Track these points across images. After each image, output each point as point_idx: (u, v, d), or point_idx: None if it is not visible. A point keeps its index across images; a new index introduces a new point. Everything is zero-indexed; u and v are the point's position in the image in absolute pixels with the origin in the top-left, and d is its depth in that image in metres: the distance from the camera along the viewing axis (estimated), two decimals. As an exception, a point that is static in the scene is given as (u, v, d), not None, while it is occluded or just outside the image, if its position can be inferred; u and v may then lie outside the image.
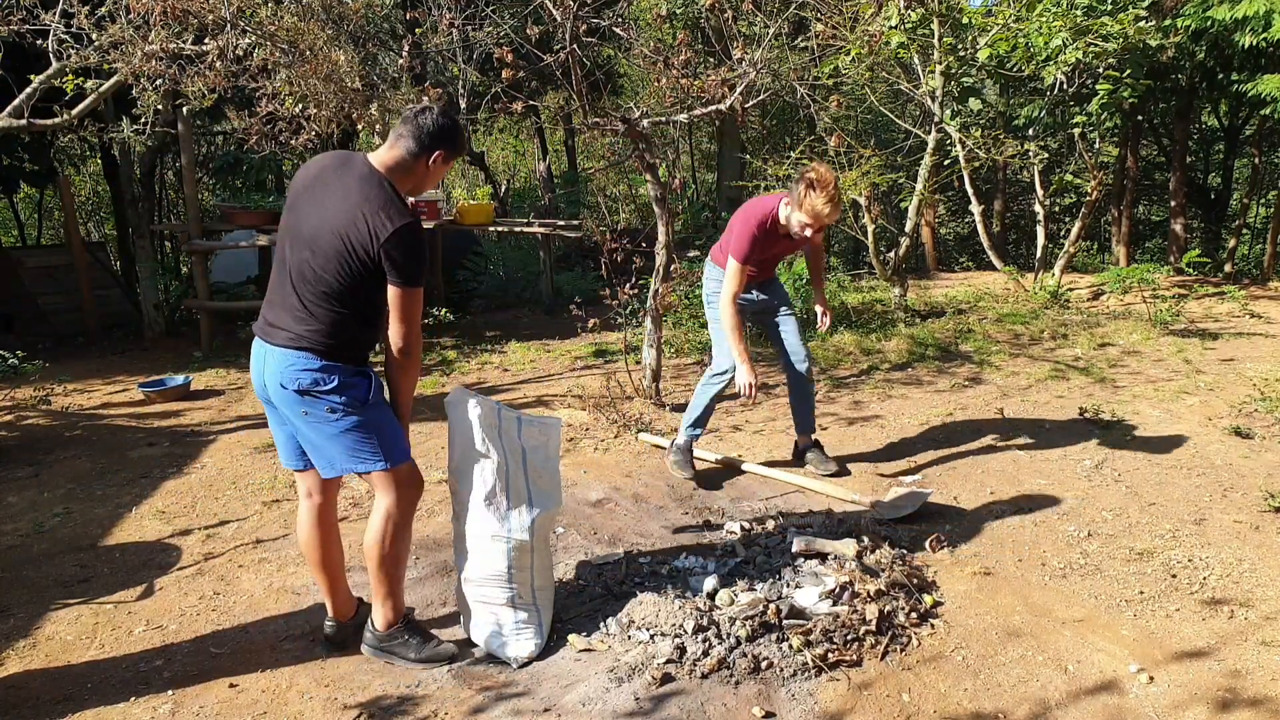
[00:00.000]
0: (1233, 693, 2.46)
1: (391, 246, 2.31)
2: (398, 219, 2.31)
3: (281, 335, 2.43)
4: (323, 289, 2.39)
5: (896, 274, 7.89)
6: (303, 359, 2.39)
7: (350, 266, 2.35)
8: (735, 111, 4.76)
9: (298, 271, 2.42)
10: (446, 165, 2.51)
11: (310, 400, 2.41)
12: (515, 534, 2.63)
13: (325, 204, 2.38)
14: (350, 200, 2.34)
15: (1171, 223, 11.20)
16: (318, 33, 5.44)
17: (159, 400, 5.84)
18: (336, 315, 2.40)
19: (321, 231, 2.36)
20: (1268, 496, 3.70)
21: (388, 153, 2.44)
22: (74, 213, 8.86)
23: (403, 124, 2.44)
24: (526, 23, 5.00)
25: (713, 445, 4.67)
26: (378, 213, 2.31)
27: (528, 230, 8.45)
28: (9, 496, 4.18)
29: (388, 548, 2.54)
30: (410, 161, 2.44)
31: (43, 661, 2.74)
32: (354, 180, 2.38)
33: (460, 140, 2.50)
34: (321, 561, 2.67)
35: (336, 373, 2.41)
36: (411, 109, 2.47)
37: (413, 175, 2.47)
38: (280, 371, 2.41)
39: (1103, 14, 7.27)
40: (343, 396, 2.42)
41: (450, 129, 2.46)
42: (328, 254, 2.36)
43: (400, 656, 2.64)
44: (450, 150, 2.48)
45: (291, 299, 2.43)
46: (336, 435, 2.45)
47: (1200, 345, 6.50)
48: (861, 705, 2.43)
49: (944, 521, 3.64)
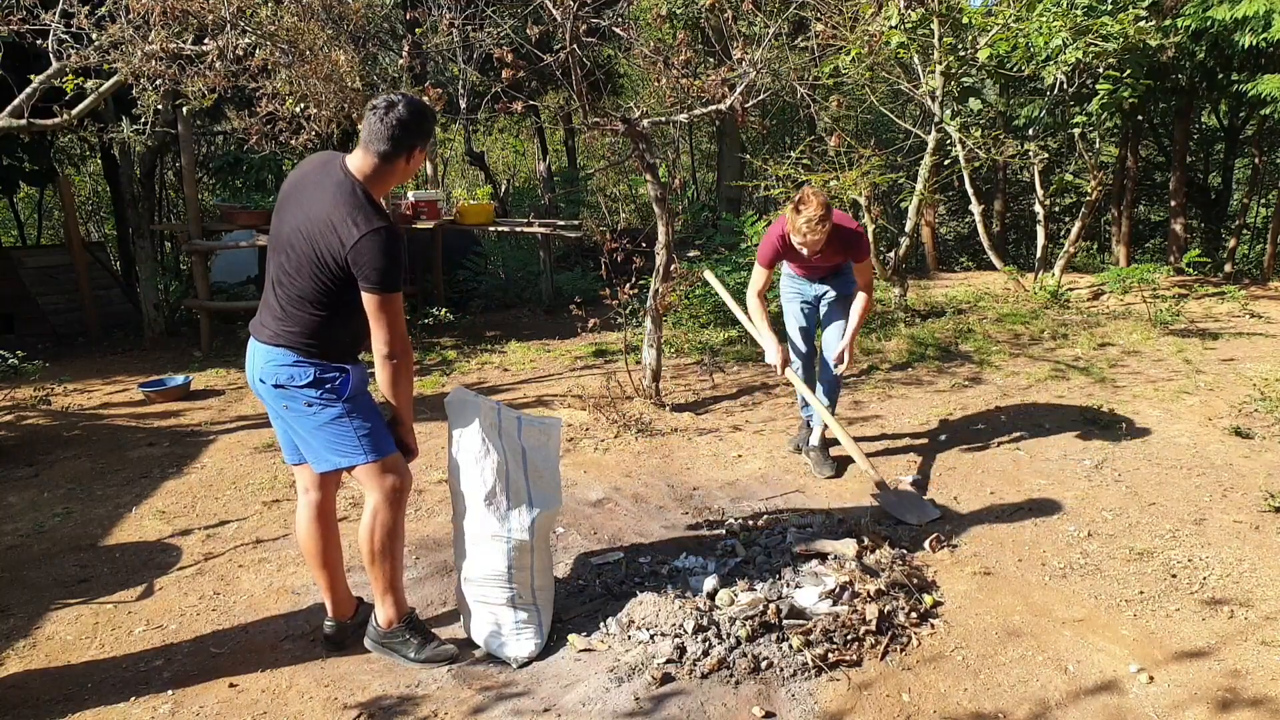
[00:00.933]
0: (1233, 693, 2.46)
1: (358, 253, 2.30)
2: (364, 225, 2.30)
3: (265, 332, 2.49)
4: (296, 292, 2.43)
5: (896, 274, 7.89)
6: (279, 354, 2.45)
7: (322, 272, 2.38)
8: (735, 111, 4.76)
9: (274, 274, 2.48)
10: (423, 155, 2.51)
11: (288, 395, 2.47)
12: (515, 534, 2.63)
13: (301, 209, 2.41)
14: (323, 206, 2.36)
15: (1171, 223, 11.20)
16: (318, 33, 5.44)
17: (159, 400, 5.84)
18: (312, 316, 2.44)
19: (296, 237, 2.40)
20: (1268, 496, 3.69)
21: (362, 158, 2.41)
22: (74, 213, 8.86)
23: (372, 124, 2.37)
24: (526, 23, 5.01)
25: (713, 446, 4.68)
26: (345, 220, 2.31)
27: (528, 230, 8.45)
28: (9, 496, 4.18)
29: (378, 542, 2.56)
30: (384, 165, 2.42)
31: (43, 661, 2.74)
32: (330, 185, 2.39)
33: (430, 127, 2.47)
34: (320, 558, 2.68)
35: (312, 368, 2.45)
36: (377, 105, 2.39)
37: (390, 176, 2.46)
38: (262, 367, 2.48)
39: (1103, 14, 7.26)
40: (317, 391, 2.45)
41: (418, 121, 2.40)
42: (300, 260, 2.39)
43: (401, 655, 2.65)
44: (424, 143, 2.46)
45: (271, 298, 2.49)
46: (317, 429, 2.49)
47: (1200, 345, 6.50)
48: (861, 705, 2.43)
49: (944, 521, 3.64)
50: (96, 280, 8.90)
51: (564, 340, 7.49)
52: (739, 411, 5.29)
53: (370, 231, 2.31)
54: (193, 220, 7.61)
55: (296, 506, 2.73)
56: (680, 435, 4.83)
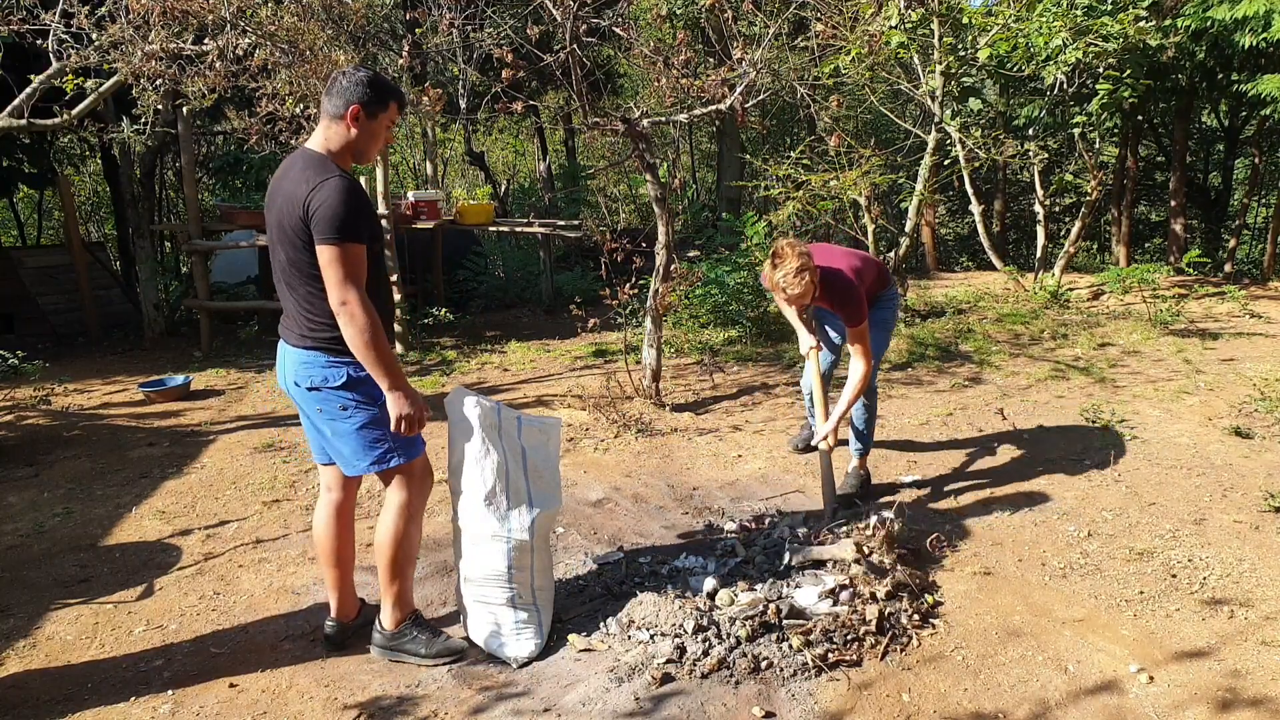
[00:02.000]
0: (1233, 693, 2.46)
1: (310, 203, 2.27)
2: (317, 178, 2.30)
3: (293, 335, 2.48)
4: (298, 281, 2.41)
5: (896, 274, 7.88)
6: (310, 356, 2.43)
7: (303, 250, 2.34)
8: (735, 111, 4.76)
9: (276, 274, 2.48)
10: (377, 119, 2.43)
11: (322, 397, 2.45)
12: (515, 534, 2.63)
13: (275, 202, 2.42)
14: (289, 190, 2.36)
15: (1171, 223, 11.20)
16: (318, 33, 5.44)
17: (159, 400, 5.84)
18: (324, 303, 2.36)
19: (276, 231, 2.40)
20: (1268, 496, 3.69)
21: (317, 132, 2.46)
22: (74, 213, 8.86)
23: (323, 96, 2.43)
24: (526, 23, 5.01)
25: (713, 446, 4.68)
26: (300, 179, 2.32)
27: (528, 230, 8.45)
28: (9, 496, 4.18)
29: (400, 543, 2.56)
30: (335, 128, 2.41)
31: (43, 661, 2.74)
32: (292, 168, 2.41)
33: (381, 90, 2.40)
34: (333, 556, 2.68)
35: (345, 368, 2.42)
36: (332, 76, 2.44)
37: (347, 140, 2.41)
38: (295, 369, 2.47)
39: (1103, 14, 7.27)
40: (352, 393, 2.43)
41: (361, 82, 2.38)
42: (285, 245, 2.38)
43: (411, 654, 2.65)
44: (367, 104, 2.38)
45: (286, 300, 2.48)
46: (349, 433, 2.47)
47: (1200, 345, 6.50)
48: (861, 705, 2.42)
49: (944, 521, 3.64)
50: (96, 280, 8.90)
51: (564, 340, 7.49)
52: (739, 411, 5.29)
53: (323, 180, 2.29)
54: (192, 220, 7.61)
55: (317, 501, 2.74)
56: (680, 435, 4.83)
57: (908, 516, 3.32)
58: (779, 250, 3.41)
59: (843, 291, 3.52)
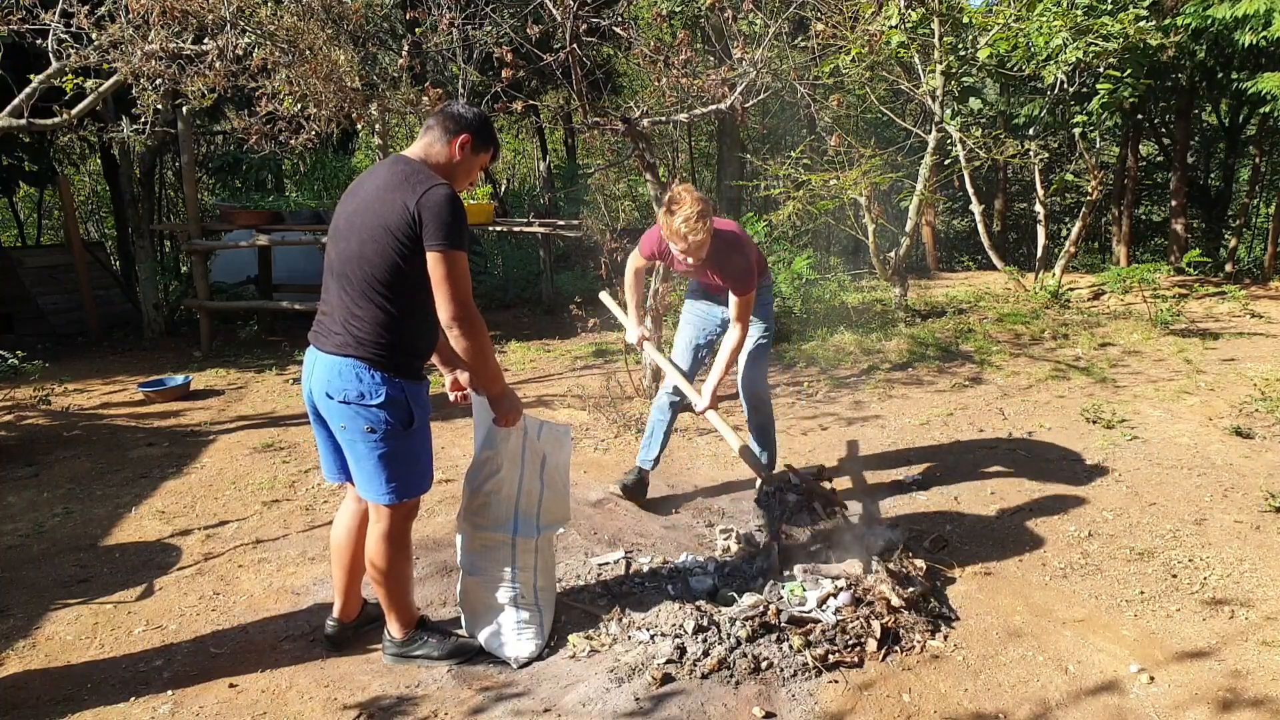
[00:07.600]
0: (1233, 693, 2.46)
1: (423, 206, 2.26)
2: (428, 182, 2.31)
3: (330, 341, 2.38)
4: (363, 276, 2.32)
5: (897, 274, 7.89)
6: (349, 366, 2.33)
7: (391, 249, 2.29)
8: (735, 111, 4.75)
9: (340, 266, 2.38)
10: (478, 156, 2.49)
11: (351, 413, 2.35)
12: (522, 534, 2.63)
13: (360, 194, 2.40)
14: (384, 186, 2.34)
15: (1172, 222, 11.20)
16: (317, 32, 5.43)
17: (159, 400, 5.84)
18: (383, 313, 2.33)
19: (358, 220, 2.35)
20: (1268, 496, 3.69)
21: (418, 144, 2.48)
22: (74, 213, 8.86)
23: (432, 118, 2.50)
24: (526, 22, 5.00)
25: (713, 446, 4.67)
26: (402, 184, 2.31)
27: (528, 230, 8.45)
28: (9, 496, 4.18)
29: (391, 570, 2.55)
30: (440, 147, 2.44)
31: (43, 661, 2.74)
32: (385, 170, 2.40)
33: (489, 132, 2.50)
34: (347, 561, 2.67)
35: (386, 385, 2.34)
36: (448, 102, 2.50)
37: (444, 162, 2.45)
38: (328, 380, 2.36)
39: (1103, 13, 7.26)
40: (386, 414, 2.35)
41: (477, 117, 2.48)
42: (364, 240, 2.32)
43: (424, 658, 2.64)
44: (477, 137, 2.46)
45: (340, 298, 2.38)
46: (368, 458, 2.40)
47: (1201, 345, 6.50)
48: (862, 705, 2.42)
49: (944, 521, 3.64)
50: (96, 280, 8.90)
51: (564, 340, 7.49)
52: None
53: (434, 185, 2.30)
54: (192, 220, 7.61)
55: (339, 506, 2.72)
56: (680, 435, 4.82)
57: (908, 532, 3.31)
58: (676, 195, 3.19)
59: (737, 252, 3.32)
